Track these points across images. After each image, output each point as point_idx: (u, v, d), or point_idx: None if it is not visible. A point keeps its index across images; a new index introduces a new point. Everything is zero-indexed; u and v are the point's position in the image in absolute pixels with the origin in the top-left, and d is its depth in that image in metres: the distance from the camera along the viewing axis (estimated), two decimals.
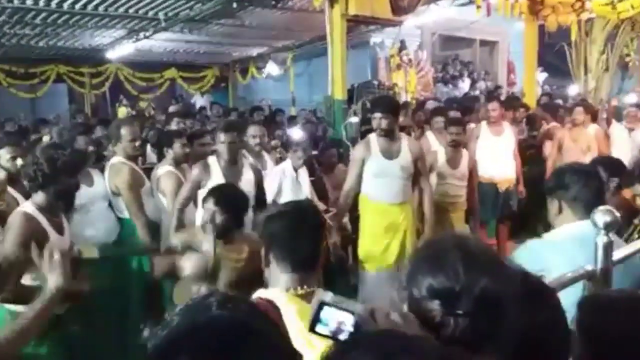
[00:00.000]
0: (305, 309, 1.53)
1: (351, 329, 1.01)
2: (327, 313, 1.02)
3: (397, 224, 4.12)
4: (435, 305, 1.08)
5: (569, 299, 1.56)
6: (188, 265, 2.93)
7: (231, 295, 0.97)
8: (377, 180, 4.10)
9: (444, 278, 1.08)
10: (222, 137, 3.84)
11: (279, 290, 1.71)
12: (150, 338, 0.89)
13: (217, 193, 2.97)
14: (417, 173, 4.25)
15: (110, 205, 4.02)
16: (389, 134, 4.09)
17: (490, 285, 1.07)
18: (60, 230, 2.82)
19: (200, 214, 3.61)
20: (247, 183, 3.75)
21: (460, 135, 4.88)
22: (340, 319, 1.02)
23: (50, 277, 1.86)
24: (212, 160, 3.90)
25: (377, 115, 4.07)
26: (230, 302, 0.93)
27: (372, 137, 4.18)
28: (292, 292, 1.69)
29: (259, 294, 1.73)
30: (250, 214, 3.41)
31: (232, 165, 3.86)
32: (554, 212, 2.28)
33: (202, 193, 3.74)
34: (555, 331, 1.29)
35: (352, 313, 1.02)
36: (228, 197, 2.95)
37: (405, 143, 4.18)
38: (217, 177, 3.74)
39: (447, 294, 1.07)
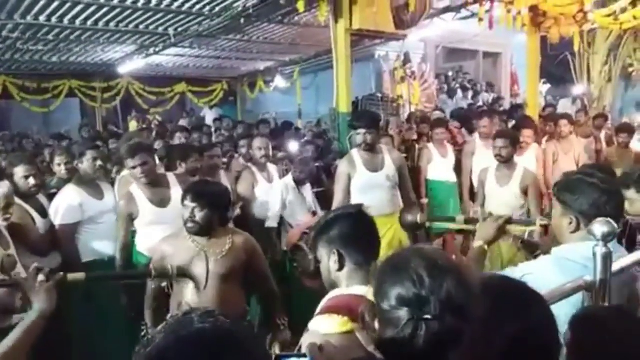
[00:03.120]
0: None
1: None
2: None
3: (390, 236, 4.10)
4: (404, 313, 1.14)
5: (568, 310, 1.58)
6: (174, 263, 2.88)
7: (212, 310, 1.01)
8: (366, 194, 4.10)
9: (410, 285, 1.14)
10: (130, 162, 3.60)
11: (361, 286, 1.69)
12: (136, 357, 0.95)
13: (193, 190, 2.92)
14: (402, 183, 4.34)
15: None
16: (372, 148, 4.19)
17: (455, 287, 1.13)
18: None
19: (141, 239, 3.62)
20: (178, 203, 3.12)
21: (507, 148, 4.45)
22: None
23: (35, 300, 1.77)
24: (133, 188, 3.70)
25: (362, 130, 4.13)
26: (212, 316, 0.98)
27: (354, 152, 4.27)
28: None
29: (341, 292, 1.75)
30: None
31: (155, 188, 3.67)
32: (564, 228, 2.09)
33: (138, 224, 3.68)
34: (546, 333, 1.33)
35: (305, 355, 1.16)
36: (205, 193, 2.89)
37: (387, 155, 4.28)
38: (143, 205, 3.59)
39: (415, 300, 1.13)
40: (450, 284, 1.13)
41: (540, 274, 2.00)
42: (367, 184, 4.14)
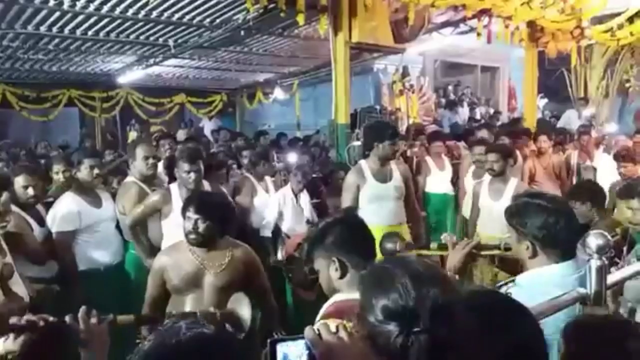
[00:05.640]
0: None
1: (307, 351, 1.12)
2: (282, 349, 1.11)
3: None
4: (392, 327, 1.11)
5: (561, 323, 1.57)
6: (173, 275, 2.91)
7: (199, 320, 1.06)
8: (374, 205, 4.15)
9: (397, 296, 1.12)
10: (186, 167, 3.73)
11: None
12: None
13: (197, 201, 2.91)
14: (407, 195, 4.38)
15: (117, 227, 4.08)
16: (388, 160, 4.24)
17: (441, 296, 1.12)
18: None
19: (167, 242, 3.58)
20: None
21: (498, 162, 4.51)
22: (295, 349, 1.12)
23: (89, 343, 1.63)
24: (173, 188, 3.82)
25: (388, 142, 4.16)
26: (198, 324, 1.00)
27: (363, 163, 4.28)
28: None
29: (342, 297, 1.76)
30: None
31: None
32: (524, 253, 2.04)
33: (165, 224, 3.76)
34: (534, 348, 1.32)
35: (302, 338, 1.13)
36: (209, 205, 2.90)
37: (394, 166, 4.31)
38: (178, 206, 3.51)
39: (403, 313, 1.11)
40: (436, 294, 1.12)
41: None
42: (376, 195, 4.16)
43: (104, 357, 1.64)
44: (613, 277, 2.01)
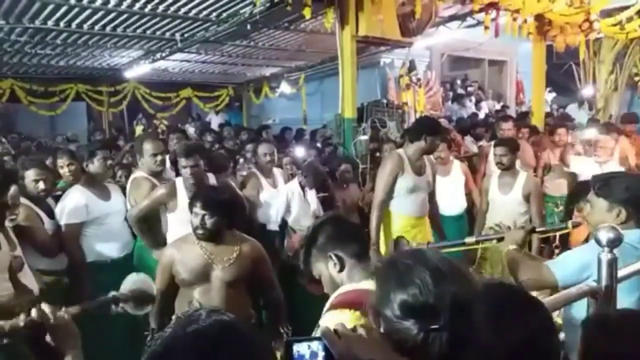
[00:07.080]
0: None
1: (323, 352, 1.11)
2: (297, 348, 1.11)
3: (424, 236, 4.19)
4: (411, 324, 1.10)
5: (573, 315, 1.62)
6: (182, 269, 2.94)
7: (218, 309, 1.06)
8: (411, 196, 4.17)
9: (416, 292, 1.10)
10: (183, 162, 3.72)
11: (368, 280, 1.70)
12: (147, 348, 1.00)
13: (203, 197, 2.92)
14: (433, 190, 4.43)
15: (126, 220, 4.06)
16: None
17: (460, 292, 1.10)
18: None
19: (171, 235, 3.61)
20: None
21: (506, 156, 4.55)
22: (311, 348, 1.11)
23: (65, 341, 1.51)
24: (178, 182, 3.82)
25: (437, 137, 4.20)
26: (217, 313, 1.02)
27: (402, 152, 4.22)
28: None
29: (349, 287, 1.75)
30: None
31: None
32: (613, 219, 2.20)
33: (171, 217, 3.77)
34: (546, 340, 1.32)
35: (319, 339, 1.12)
36: (215, 200, 2.90)
37: (427, 160, 4.31)
38: (183, 201, 3.56)
39: (421, 309, 1.09)
40: (456, 291, 1.10)
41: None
42: (414, 186, 4.17)
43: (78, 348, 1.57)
44: (624, 271, 2.00)
